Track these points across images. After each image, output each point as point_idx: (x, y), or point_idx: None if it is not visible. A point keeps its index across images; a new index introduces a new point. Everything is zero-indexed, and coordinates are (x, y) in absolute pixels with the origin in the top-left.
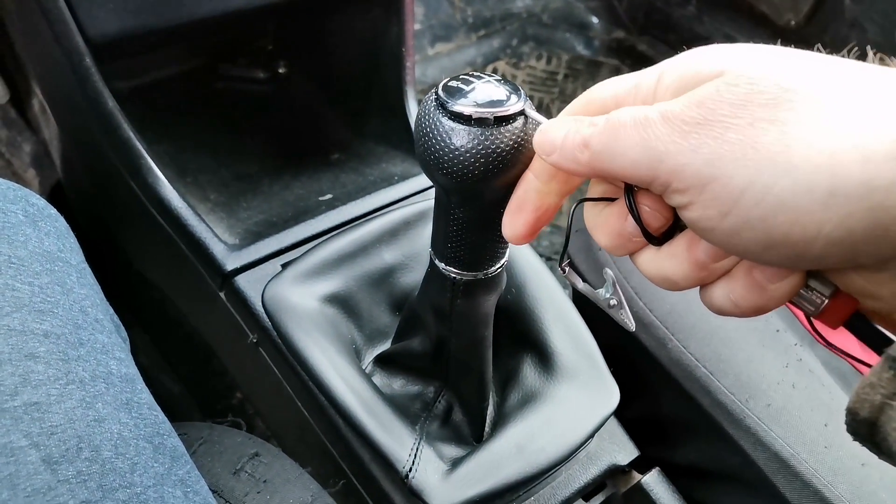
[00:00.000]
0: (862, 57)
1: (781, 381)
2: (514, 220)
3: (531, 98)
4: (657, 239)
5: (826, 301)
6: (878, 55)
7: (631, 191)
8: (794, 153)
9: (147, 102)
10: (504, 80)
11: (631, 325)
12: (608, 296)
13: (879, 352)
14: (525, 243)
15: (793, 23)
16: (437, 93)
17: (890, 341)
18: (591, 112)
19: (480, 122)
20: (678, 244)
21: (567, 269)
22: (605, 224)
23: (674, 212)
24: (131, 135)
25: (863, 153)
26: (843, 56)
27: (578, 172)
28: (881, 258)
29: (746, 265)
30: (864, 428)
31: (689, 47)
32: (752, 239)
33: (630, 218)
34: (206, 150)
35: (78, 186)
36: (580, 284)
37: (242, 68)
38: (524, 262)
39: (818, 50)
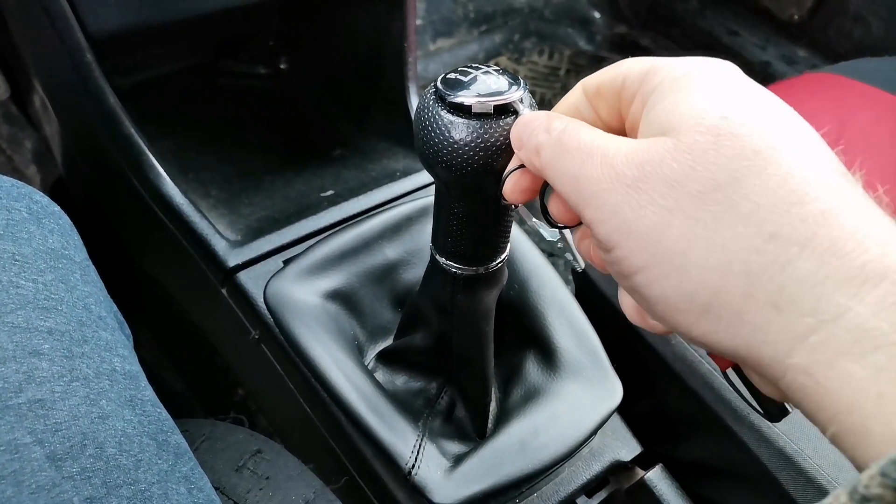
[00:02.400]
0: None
1: None
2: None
3: (533, 94)
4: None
5: None
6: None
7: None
8: (691, 258)
9: (149, 98)
10: (503, 70)
11: (580, 264)
12: (556, 239)
13: (759, 399)
14: (525, 201)
15: (796, 17)
16: (436, 86)
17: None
18: (582, 102)
19: (479, 115)
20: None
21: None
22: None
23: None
24: (133, 131)
25: (748, 287)
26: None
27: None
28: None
29: None
30: None
31: (692, 42)
32: (640, 302)
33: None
34: (208, 147)
35: (79, 183)
36: (531, 219)
37: (244, 64)
38: (527, 258)
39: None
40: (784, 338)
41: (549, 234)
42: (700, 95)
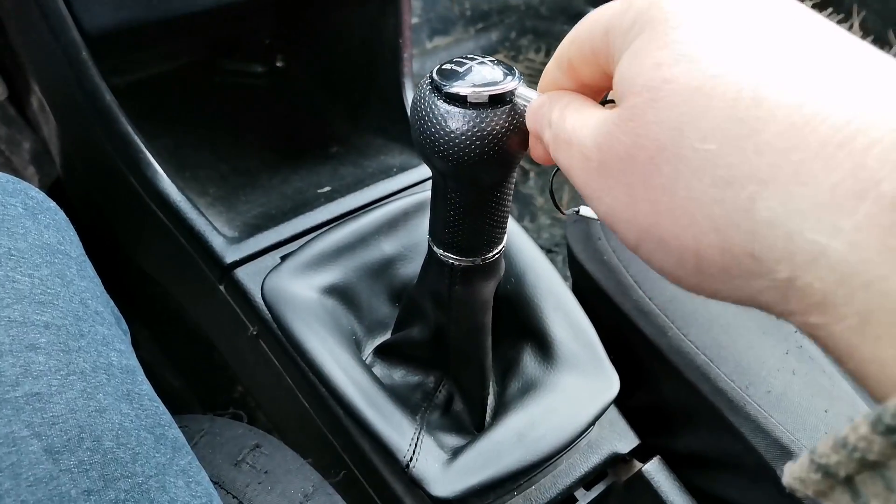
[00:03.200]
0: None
1: (782, 367)
2: None
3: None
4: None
5: None
6: None
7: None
8: (664, 227)
9: (145, 97)
10: (497, 61)
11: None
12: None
13: None
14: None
15: None
16: (431, 77)
17: None
18: (561, 77)
19: (475, 104)
20: None
21: (577, 211)
22: None
23: None
24: (129, 129)
25: (722, 242)
26: None
27: None
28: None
29: None
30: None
31: None
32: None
33: None
34: (205, 145)
35: (78, 183)
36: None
37: (240, 62)
38: (524, 251)
39: None
40: (772, 287)
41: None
42: (639, 50)
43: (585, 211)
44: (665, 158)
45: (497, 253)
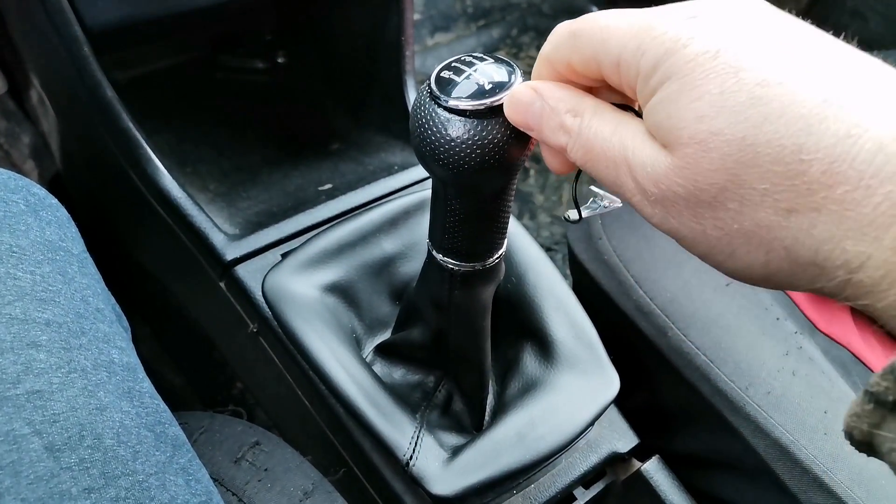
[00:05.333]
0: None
1: (781, 368)
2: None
3: None
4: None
5: None
6: None
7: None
8: (735, 245)
9: (146, 93)
10: (499, 58)
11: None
12: (605, 204)
13: None
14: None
15: (793, 12)
16: (430, 83)
17: None
18: (557, 76)
19: (476, 113)
20: None
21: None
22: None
23: None
24: (130, 125)
25: (789, 254)
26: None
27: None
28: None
29: None
30: (863, 447)
31: None
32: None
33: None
34: (206, 141)
35: (77, 178)
36: (586, 211)
37: (242, 58)
38: (524, 251)
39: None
40: (831, 285)
41: (599, 206)
42: (671, 100)
43: (586, 212)
44: (727, 197)
45: (497, 258)
